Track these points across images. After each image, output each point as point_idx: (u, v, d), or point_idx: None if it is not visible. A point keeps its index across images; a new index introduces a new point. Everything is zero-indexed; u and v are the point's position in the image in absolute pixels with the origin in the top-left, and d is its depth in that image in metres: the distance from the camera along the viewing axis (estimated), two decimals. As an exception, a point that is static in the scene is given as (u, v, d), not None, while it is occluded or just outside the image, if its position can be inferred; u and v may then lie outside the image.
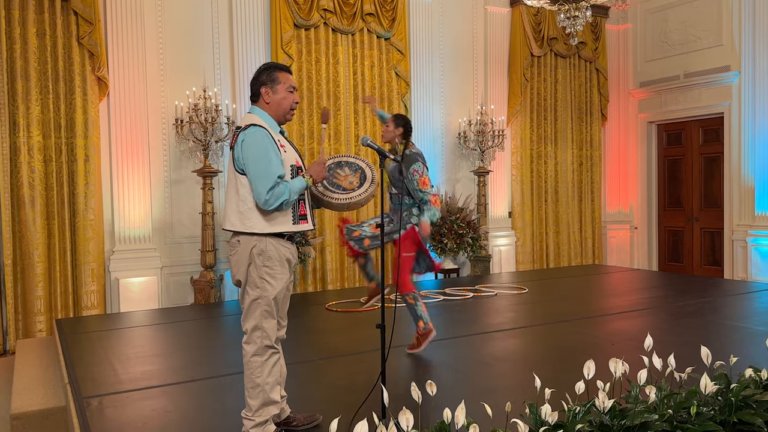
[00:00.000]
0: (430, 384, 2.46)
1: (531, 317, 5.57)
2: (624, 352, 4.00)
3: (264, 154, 2.73)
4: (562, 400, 2.77)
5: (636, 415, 2.59)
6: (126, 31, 6.53)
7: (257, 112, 2.90)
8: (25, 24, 5.99)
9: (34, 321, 6.03)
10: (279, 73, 2.91)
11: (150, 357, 4.47)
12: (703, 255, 9.24)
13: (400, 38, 7.99)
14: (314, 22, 7.37)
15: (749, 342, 4.51)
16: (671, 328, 4.99)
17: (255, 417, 2.76)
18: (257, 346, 2.78)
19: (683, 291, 6.70)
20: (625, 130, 10.06)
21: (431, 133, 8.38)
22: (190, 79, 6.87)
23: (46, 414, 3.70)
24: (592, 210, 9.78)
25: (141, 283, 6.57)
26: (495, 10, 8.88)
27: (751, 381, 2.96)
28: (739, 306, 5.96)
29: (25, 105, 6.01)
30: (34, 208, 6.05)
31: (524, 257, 9.12)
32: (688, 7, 9.08)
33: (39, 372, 4.48)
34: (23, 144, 6.00)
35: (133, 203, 6.61)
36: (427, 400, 2.58)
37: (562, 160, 9.44)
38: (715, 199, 9.03)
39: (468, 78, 8.79)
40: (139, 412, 3.34)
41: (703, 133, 9.22)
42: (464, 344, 4.66)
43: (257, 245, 2.77)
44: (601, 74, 9.76)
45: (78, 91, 6.25)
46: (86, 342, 4.90)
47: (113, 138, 6.54)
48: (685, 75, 9.14)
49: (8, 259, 5.94)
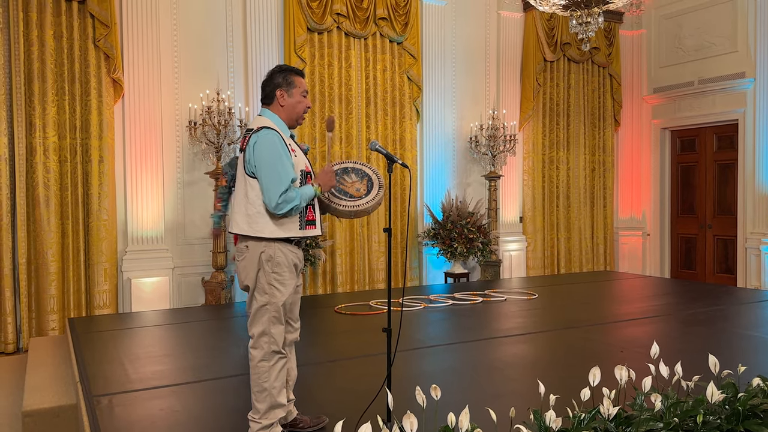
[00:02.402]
0: (435, 388, 2.47)
1: (540, 323, 5.55)
2: (633, 360, 3.99)
3: (277, 158, 2.72)
4: (568, 406, 2.77)
5: (641, 422, 2.59)
6: (141, 33, 6.61)
7: (269, 115, 2.89)
8: (43, 26, 6.08)
9: (47, 319, 6.10)
10: (294, 76, 2.91)
11: (160, 357, 4.51)
12: (716, 262, 9.16)
13: (412, 42, 8.02)
14: (327, 26, 7.41)
15: (760, 351, 4.48)
16: (681, 335, 4.96)
17: (262, 420, 2.77)
18: (264, 352, 2.78)
19: (695, 299, 6.65)
20: (638, 136, 10.01)
21: (443, 137, 8.39)
22: (204, 82, 6.93)
23: (57, 412, 3.75)
24: (604, 216, 9.74)
25: (153, 284, 6.63)
26: (508, 15, 8.87)
27: (759, 390, 2.94)
28: (752, 314, 5.90)
29: (41, 106, 6.09)
30: (48, 207, 6.13)
31: (535, 262, 9.10)
32: (703, 13, 9.03)
33: (51, 370, 4.54)
34: (39, 144, 6.08)
35: (146, 204, 6.67)
36: (432, 405, 2.59)
37: (574, 165, 9.41)
38: (728, 207, 8.96)
39: (480, 82, 8.79)
40: (148, 412, 3.38)
41: (717, 140, 9.15)
42: (472, 349, 4.66)
43: (266, 251, 2.76)
44: (615, 80, 9.72)
45: (93, 93, 6.33)
46: (98, 341, 4.96)
47: (127, 139, 6.61)
48: (699, 81, 9.09)
49: (23, 258, 6.02)
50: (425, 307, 6.19)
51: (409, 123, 8.10)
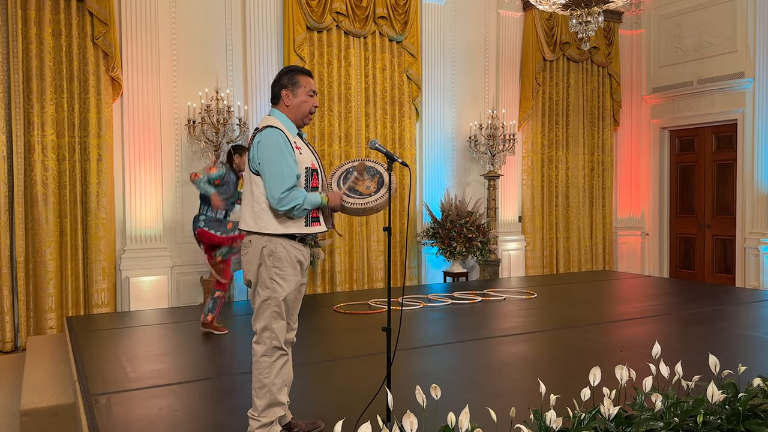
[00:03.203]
0: (435, 387, 2.46)
1: (539, 322, 5.55)
2: (632, 359, 3.98)
3: (279, 155, 2.76)
4: (568, 406, 2.77)
5: (641, 422, 2.58)
6: (140, 32, 6.59)
7: (276, 115, 2.94)
8: (41, 24, 6.06)
9: (45, 318, 6.09)
10: (300, 76, 2.95)
11: (158, 356, 4.50)
12: (715, 262, 9.16)
13: (412, 41, 8.01)
14: (327, 25, 7.40)
15: (759, 351, 4.47)
16: (681, 335, 4.96)
17: (261, 417, 2.78)
18: (266, 347, 2.80)
19: (694, 298, 6.64)
20: (638, 136, 10.01)
21: (442, 136, 8.39)
22: (203, 81, 6.92)
23: (55, 411, 3.74)
24: (603, 215, 9.74)
25: (151, 282, 6.62)
26: (508, 14, 8.87)
27: (759, 390, 2.94)
28: (751, 314, 5.90)
29: (39, 104, 6.07)
30: (47, 206, 6.11)
31: (534, 262, 9.09)
32: (703, 13, 9.03)
33: (49, 369, 4.52)
34: (37, 142, 6.07)
35: (144, 203, 6.66)
36: (432, 404, 2.58)
37: (573, 165, 9.40)
38: (727, 206, 8.96)
39: (480, 82, 8.79)
40: (147, 411, 3.37)
41: (716, 140, 9.15)
42: (471, 348, 4.65)
43: (267, 246, 2.80)
44: (614, 79, 9.71)
45: (92, 91, 6.32)
46: (96, 340, 4.95)
47: (126, 138, 6.60)
48: (698, 81, 9.08)
49: (21, 257, 6.01)
50: (424, 307, 6.19)
51: (409, 122, 8.09)
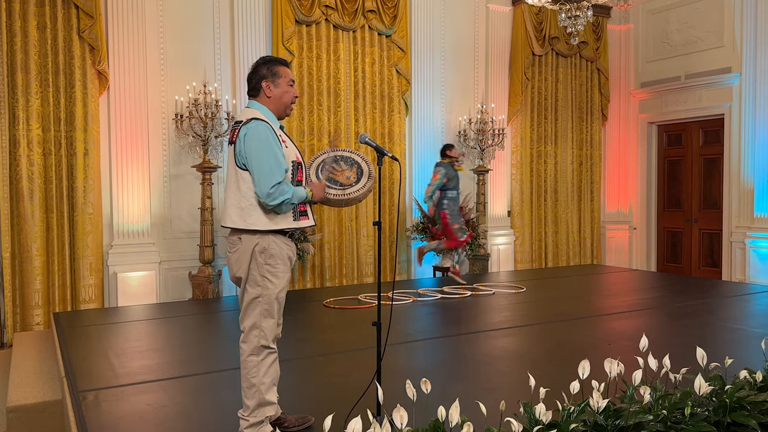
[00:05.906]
0: (425, 382, 2.46)
1: (528, 316, 5.57)
2: (620, 353, 4.01)
3: (268, 149, 2.71)
4: (557, 399, 2.78)
5: (630, 415, 2.60)
6: (126, 25, 6.52)
7: (257, 107, 2.86)
8: (26, 17, 5.98)
9: (31, 314, 6.03)
10: (279, 67, 2.89)
11: (147, 351, 4.47)
12: (702, 256, 9.24)
13: (401, 36, 7.99)
14: (315, 19, 7.36)
15: (745, 344, 4.52)
16: (668, 328, 5.00)
17: (250, 417, 2.74)
18: (253, 346, 2.75)
19: (681, 292, 6.70)
20: (626, 131, 10.06)
21: (431, 130, 8.38)
22: (191, 74, 6.86)
23: (43, 407, 3.71)
24: (592, 210, 9.79)
25: (139, 278, 6.57)
26: (497, 8, 8.86)
27: (745, 382, 2.97)
28: (737, 308, 5.96)
29: (24, 98, 6.00)
30: (32, 201, 6.05)
31: (523, 256, 9.13)
32: (690, 8, 9.07)
33: (36, 365, 4.49)
34: (23, 137, 6.00)
35: (132, 198, 6.60)
36: (422, 398, 2.58)
37: (562, 159, 9.44)
38: (714, 201, 9.03)
39: (469, 76, 8.78)
40: (135, 407, 3.34)
41: (703, 135, 9.21)
42: (461, 342, 4.66)
43: (260, 243, 2.74)
44: (602, 74, 9.75)
45: (78, 85, 6.25)
46: (83, 336, 4.91)
47: (113, 132, 6.53)
48: (686, 76, 9.14)
49: (6, 252, 5.95)
50: (414, 301, 6.19)
51: (398, 116, 8.08)
